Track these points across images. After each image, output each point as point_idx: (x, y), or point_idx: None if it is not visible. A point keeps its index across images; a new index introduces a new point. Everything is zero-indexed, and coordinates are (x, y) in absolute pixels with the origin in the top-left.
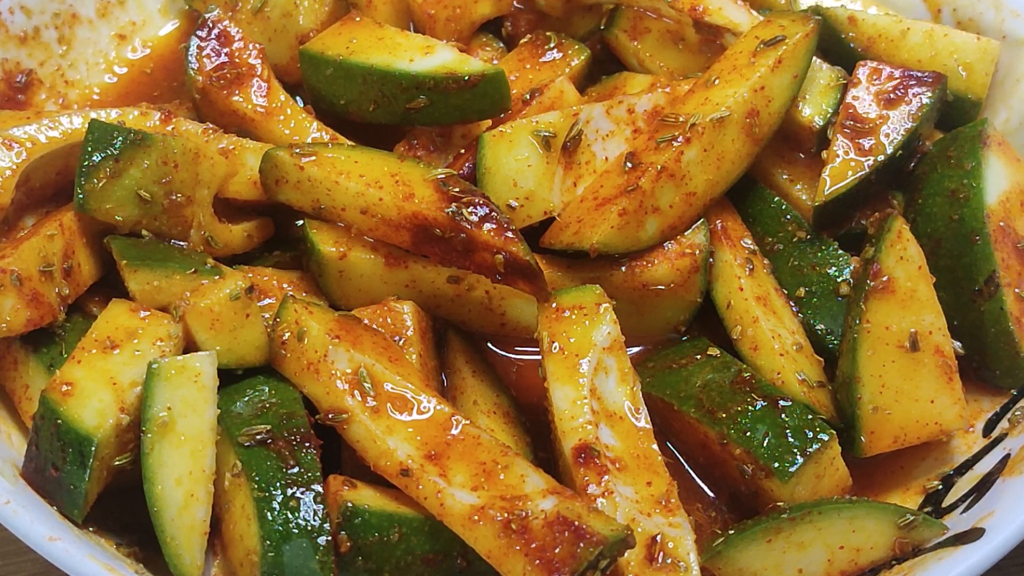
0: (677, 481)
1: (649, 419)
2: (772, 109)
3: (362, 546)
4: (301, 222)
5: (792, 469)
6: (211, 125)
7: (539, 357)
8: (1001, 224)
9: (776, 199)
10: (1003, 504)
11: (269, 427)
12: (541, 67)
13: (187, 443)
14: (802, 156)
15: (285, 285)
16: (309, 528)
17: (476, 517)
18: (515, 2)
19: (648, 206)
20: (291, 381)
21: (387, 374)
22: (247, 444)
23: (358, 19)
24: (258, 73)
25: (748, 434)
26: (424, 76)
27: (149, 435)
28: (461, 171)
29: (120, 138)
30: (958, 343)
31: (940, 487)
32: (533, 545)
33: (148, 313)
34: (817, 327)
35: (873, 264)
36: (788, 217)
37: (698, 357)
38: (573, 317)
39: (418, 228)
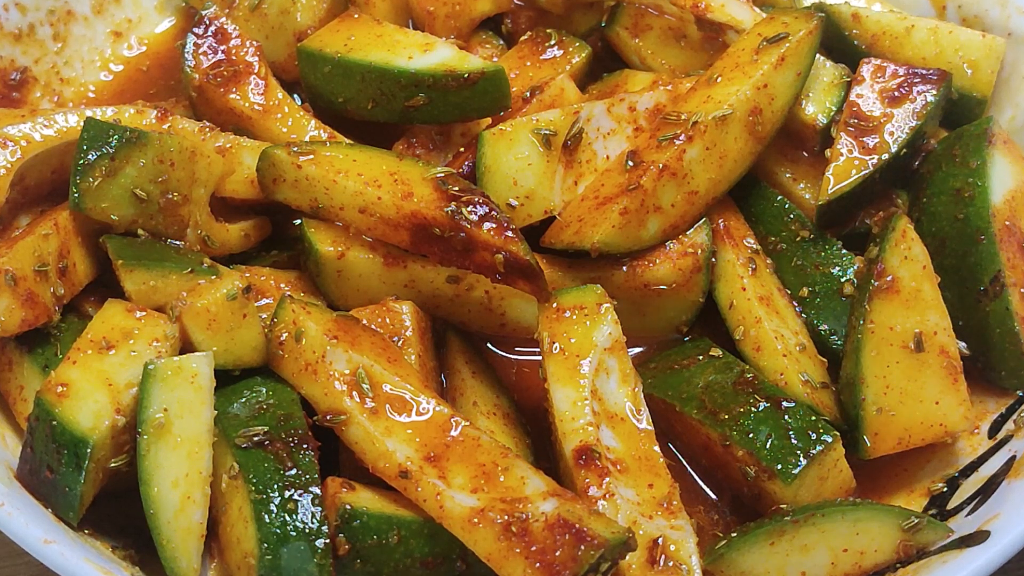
0: (679, 483)
1: (651, 420)
2: (775, 107)
3: (360, 549)
4: (299, 221)
5: (795, 471)
6: (208, 123)
7: (539, 358)
8: (1007, 223)
9: (779, 198)
10: (1008, 506)
11: (267, 429)
12: (541, 65)
13: (184, 445)
14: (805, 154)
15: (282, 285)
16: (307, 531)
17: (476, 519)
18: None
19: (650, 205)
20: (289, 382)
21: (386, 375)
22: (244, 446)
23: (356, 16)
24: (255, 71)
25: (751, 436)
26: (423, 74)
27: (145, 437)
28: (460, 170)
29: (116, 136)
30: (963, 343)
31: (945, 489)
32: (533, 548)
33: (144, 313)
34: (820, 327)
35: (877, 264)
36: (791, 216)
37: (700, 358)
38: (574, 317)
39: (417, 227)
